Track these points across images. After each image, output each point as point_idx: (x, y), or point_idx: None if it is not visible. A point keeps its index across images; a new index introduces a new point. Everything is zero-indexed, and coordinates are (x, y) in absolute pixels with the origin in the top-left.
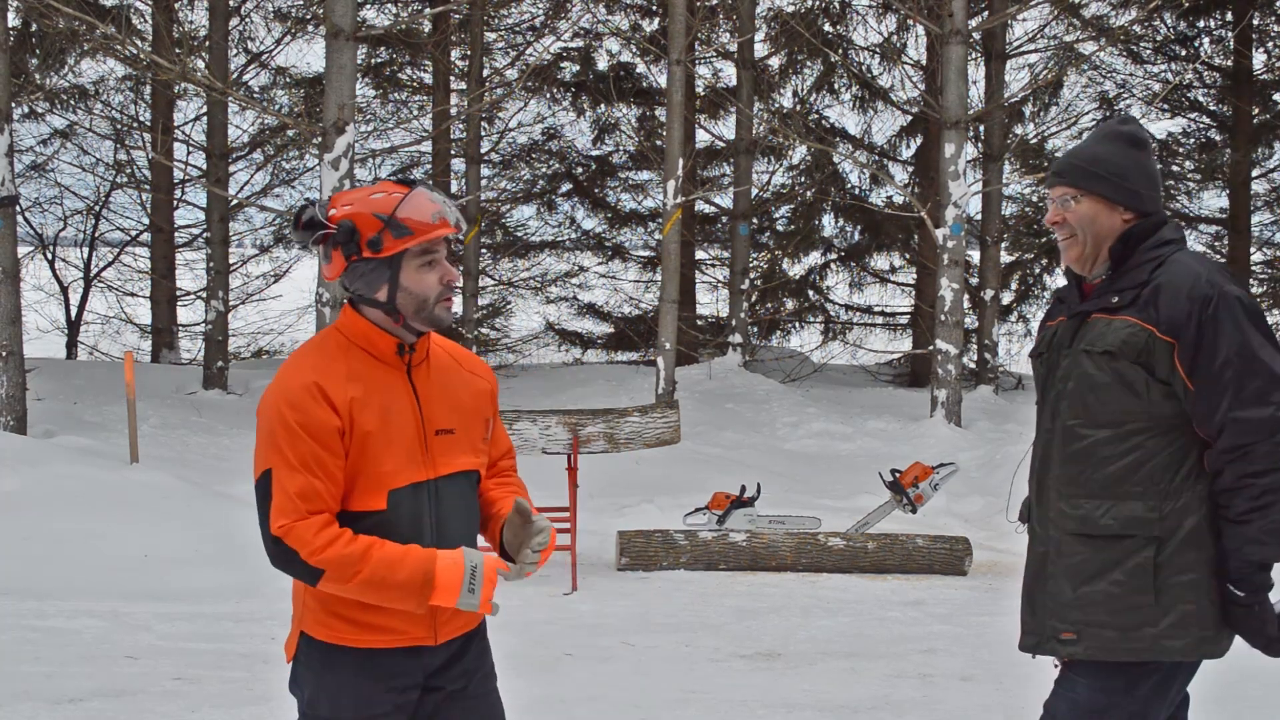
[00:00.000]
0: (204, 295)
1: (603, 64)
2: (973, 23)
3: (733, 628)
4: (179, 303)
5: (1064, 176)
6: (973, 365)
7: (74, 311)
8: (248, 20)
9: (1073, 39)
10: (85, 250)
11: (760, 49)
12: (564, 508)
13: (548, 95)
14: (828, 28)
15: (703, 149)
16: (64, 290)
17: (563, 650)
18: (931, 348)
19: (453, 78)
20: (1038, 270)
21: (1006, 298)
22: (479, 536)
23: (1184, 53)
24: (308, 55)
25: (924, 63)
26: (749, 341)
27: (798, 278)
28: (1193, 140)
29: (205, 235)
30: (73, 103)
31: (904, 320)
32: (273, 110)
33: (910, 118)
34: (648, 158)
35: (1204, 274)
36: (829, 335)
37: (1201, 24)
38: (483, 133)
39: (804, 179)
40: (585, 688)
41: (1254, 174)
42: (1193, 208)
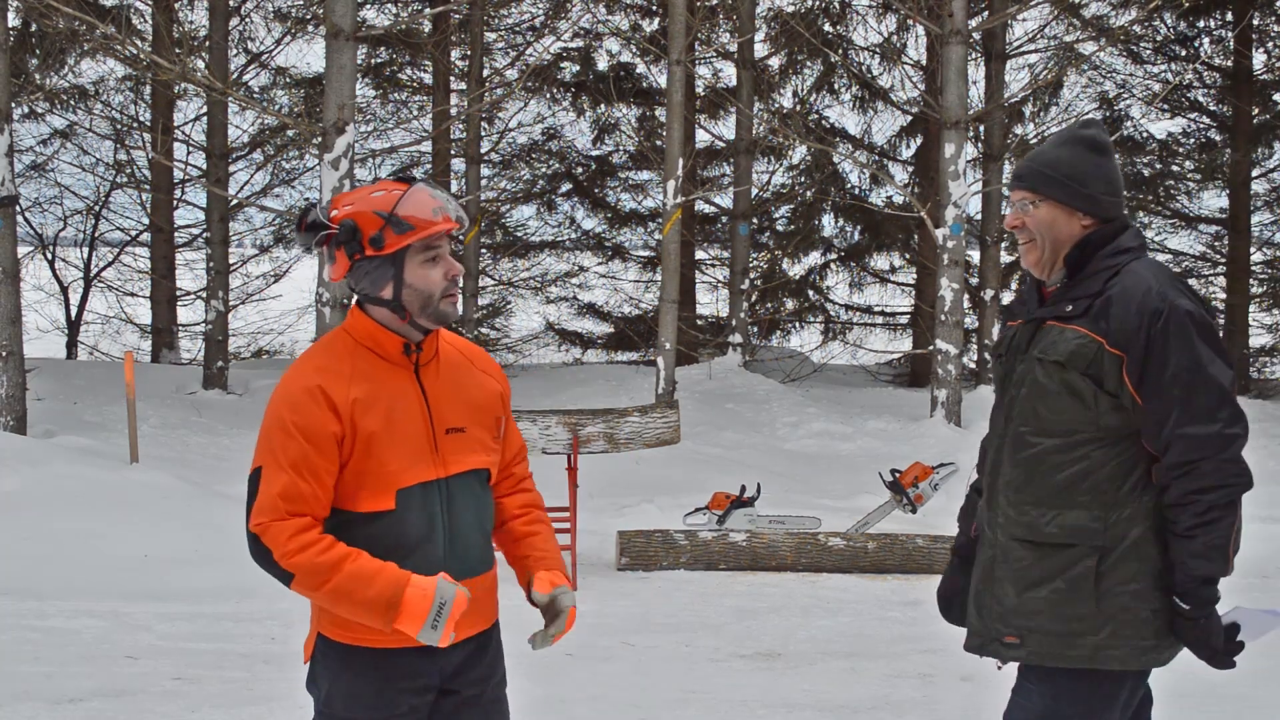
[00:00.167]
0: (204, 295)
1: (603, 64)
2: (973, 23)
3: (733, 628)
4: (179, 303)
5: (1023, 180)
6: (973, 365)
7: (74, 311)
8: (248, 20)
9: (1073, 39)
10: (85, 250)
11: (760, 49)
12: (564, 508)
13: (548, 95)
14: (828, 28)
15: (703, 149)
16: (64, 290)
17: (563, 650)
18: (931, 348)
19: (453, 78)
20: None
21: (1006, 298)
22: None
23: (1184, 53)
24: (308, 55)
25: (924, 63)
26: (749, 341)
27: (798, 278)
28: (1193, 140)
29: (205, 235)
30: (73, 103)
31: (904, 320)
32: (273, 110)
33: (910, 118)
34: (648, 158)
35: (1156, 287)
36: (829, 335)
37: (1201, 24)
38: (483, 133)
39: (804, 179)
40: (585, 688)
41: (1254, 174)
42: (1193, 208)
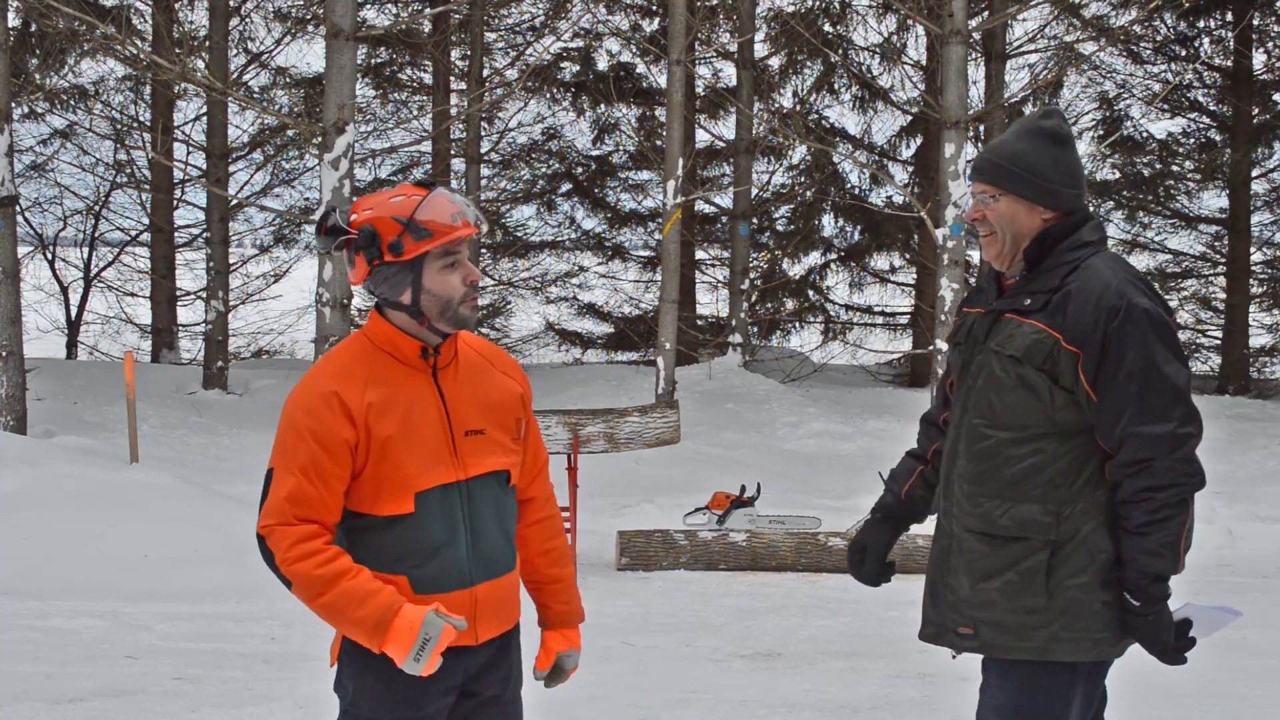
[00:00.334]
0: (204, 295)
1: (603, 64)
2: (973, 23)
3: (733, 628)
4: (179, 303)
5: (983, 174)
6: None
7: (74, 311)
8: (248, 20)
9: (1073, 39)
10: (85, 250)
11: (760, 49)
12: (564, 508)
13: (548, 95)
14: (828, 28)
15: (703, 149)
16: (64, 290)
17: None
18: (931, 348)
19: (453, 78)
20: None
21: None
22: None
23: (1184, 53)
24: (308, 55)
25: (924, 63)
26: (749, 341)
27: (798, 278)
28: (1193, 140)
29: (205, 235)
30: (73, 103)
31: (904, 320)
32: (273, 110)
33: (910, 118)
34: (648, 158)
35: (1114, 284)
36: (829, 335)
37: (1201, 24)
38: (483, 133)
39: (804, 179)
40: (585, 688)
41: (1254, 174)
42: (1193, 208)
